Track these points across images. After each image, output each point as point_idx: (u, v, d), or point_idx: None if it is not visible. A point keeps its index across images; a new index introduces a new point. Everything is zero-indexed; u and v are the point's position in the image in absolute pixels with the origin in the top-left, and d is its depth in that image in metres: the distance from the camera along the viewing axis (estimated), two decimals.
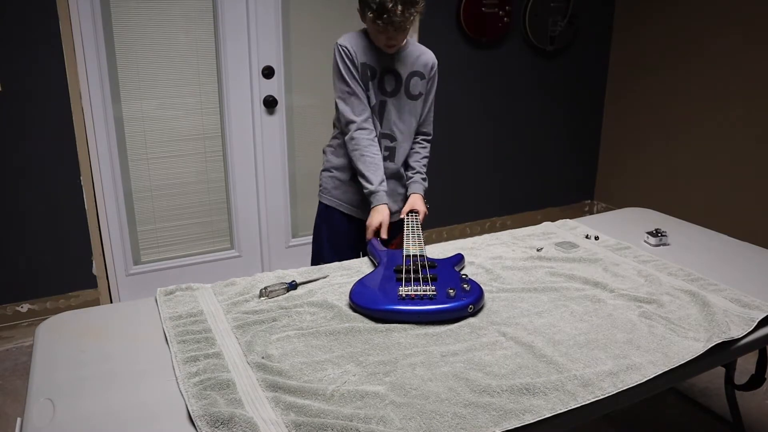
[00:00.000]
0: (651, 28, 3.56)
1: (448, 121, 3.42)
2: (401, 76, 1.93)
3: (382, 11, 1.71)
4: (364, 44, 1.88)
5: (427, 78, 1.98)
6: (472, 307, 1.43)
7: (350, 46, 1.87)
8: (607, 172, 4.03)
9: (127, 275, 2.90)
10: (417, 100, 1.98)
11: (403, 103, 1.96)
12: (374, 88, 1.92)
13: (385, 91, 1.93)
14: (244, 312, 1.45)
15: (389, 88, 1.93)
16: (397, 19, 1.72)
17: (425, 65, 1.97)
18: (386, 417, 1.07)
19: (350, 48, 1.87)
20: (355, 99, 1.89)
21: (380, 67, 1.90)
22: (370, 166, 1.89)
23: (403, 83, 1.94)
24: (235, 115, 2.94)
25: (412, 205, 1.98)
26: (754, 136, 3.10)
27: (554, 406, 1.11)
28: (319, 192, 2.12)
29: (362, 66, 1.88)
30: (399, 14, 1.72)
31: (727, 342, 1.35)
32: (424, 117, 2.04)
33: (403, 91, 1.95)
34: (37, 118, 2.51)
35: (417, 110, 2.00)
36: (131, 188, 2.83)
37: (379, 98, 1.93)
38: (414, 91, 1.96)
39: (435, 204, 3.55)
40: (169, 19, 2.71)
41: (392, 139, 1.99)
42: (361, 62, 1.88)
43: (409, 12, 1.74)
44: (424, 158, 2.09)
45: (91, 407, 1.10)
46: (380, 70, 1.90)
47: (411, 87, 1.95)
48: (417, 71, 1.95)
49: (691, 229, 2.11)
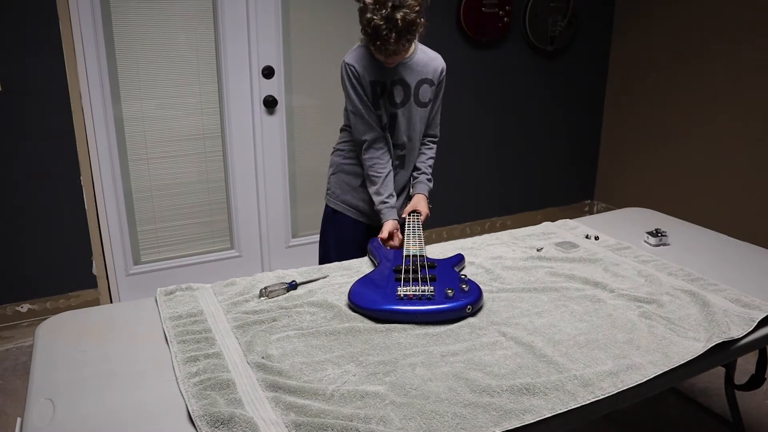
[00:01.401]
0: (651, 28, 3.56)
1: (449, 121, 3.40)
2: (410, 86, 1.89)
3: (376, 38, 1.67)
4: (369, 60, 1.84)
5: (436, 84, 1.95)
6: (471, 308, 1.42)
7: (357, 66, 1.83)
8: (607, 172, 4.03)
9: (127, 275, 2.90)
10: (426, 107, 1.96)
11: (414, 111, 1.94)
12: (385, 101, 1.89)
13: (395, 103, 1.90)
14: (244, 312, 1.45)
15: (399, 99, 1.90)
16: (391, 47, 1.68)
17: (434, 72, 1.92)
18: (386, 417, 1.07)
19: (357, 67, 1.83)
20: (360, 119, 1.88)
21: (389, 79, 1.86)
22: (377, 182, 1.91)
23: (412, 92, 1.90)
24: (235, 115, 2.94)
25: (415, 205, 1.97)
26: (754, 136, 3.10)
27: (554, 406, 1.12)
28: (326, 195, 2.11)
29: (371, 84, 1.85)
30: (393, 43, 1.67)
31: (727, 342, 1.35)
32: (431, 120, 2.03)
33: (412, 100, 1.92)
34: (37, 118, 2.51)
35: (426, 116, 1.99)
36: (131, 188, 2.83)
37: (390, 111, 1.91)
38: (424, 99, 1.94)
39: (435, 204, 3.54)
40: (169, 19, 2.71)
41: (402, 148, 1.98)
42: (370, 80, 1.85)
43: (405, 40, 1.68)
44: (430, 159, 2.08)
45: (91, 407, 1.10)
46: (389, 83, 1.87)
47: (420, 95, 1.92)
48: (426, 78, 1.91)
49: (691, 229, 2.11)
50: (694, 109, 3.38)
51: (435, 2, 3.19)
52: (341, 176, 2.04)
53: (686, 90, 3.41)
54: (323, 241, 2.14)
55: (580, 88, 3.83)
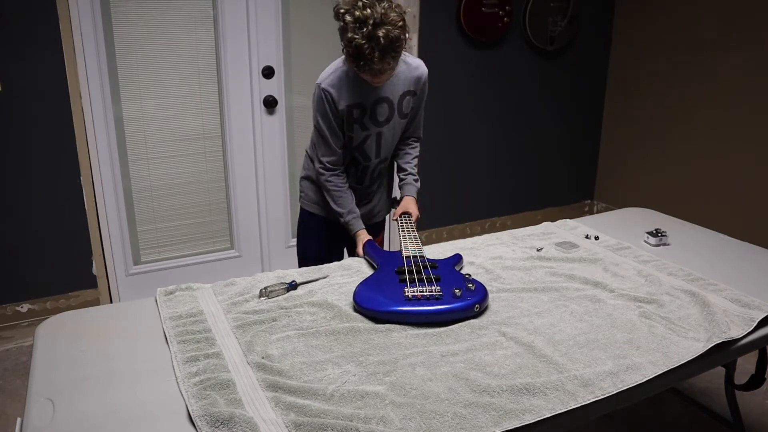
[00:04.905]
0: (651, 28, 3.56)
1: (448, 121, 3.42)
2: (393, 102, 1.84)
3: (359, 58, 1.58)
4: (347, 82, 1.76)
5: (418, 92, 1.90)
6: (479, 306, 1.43)
7: (333, 92, 1.76)
8: (607, 172, 4.03)
9: (127, 275, 2.90)
10: (407, 116, 1.93)
11: (397, 125, 1.91)
12: (368, 122, 1.84)
13: (378, 122, 1.85)
14: (244, 312, 1.45)
15: (382, 117, 1.85)
16: (375, 67, 1.59)
17: (417, 82, 1.87)
18: (386, 417, 1.07)
19: (332, 93, 1.76)
20: (323, 142, 1.86)
21: (370, 99, 1.80)
22: (338, 199, 1.90)
23: (395, 107, 1.86)
24: (235, 115, 2.94)
25: (405, 207, 1.95)
26: (753, 136, 3.10)
27: (554, 406, 1.12)
28: (300, 199, 2.10)
29: (347, 108, 1.79)
30: (377, 62, 1.57)
31: (727, 342, 1.35)
32: (414, 123, 1.99)
33: (396, 114, 1.88)
34: (37, 118, 2.51)
35: (407, 123, 1.96)
36: (131, 188, 2.83)
37: (375, 130, 1.87)
38: (406, 110, 1.90)
39: (435, 204, 3.56)
40: (169, 19, 2.71)
41: (386, 160, 2.00)
42: (347, 105, 1.78)
43: (389, 57, 1.59)
44: (415, 158, 2.05)
45: (91, 407, 1.10)
46: (370, 103, 1.80)
47: (404, 107, 1.88)
48: (408, 91, 1.86)
49: (691, 229, 2.11)
50: (694, 109, 3.38)
51: (435, 2, 3.19)
52: (311, 180, 2.03)
53: (686, 90, 3.41)
54: (300, 242, 2.13)
55: (580, 88, 3.83)
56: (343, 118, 1.81)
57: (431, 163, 3.35)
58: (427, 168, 3.29)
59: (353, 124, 1.83)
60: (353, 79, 1.77)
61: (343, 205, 1.91)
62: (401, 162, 2.04)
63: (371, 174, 2.00)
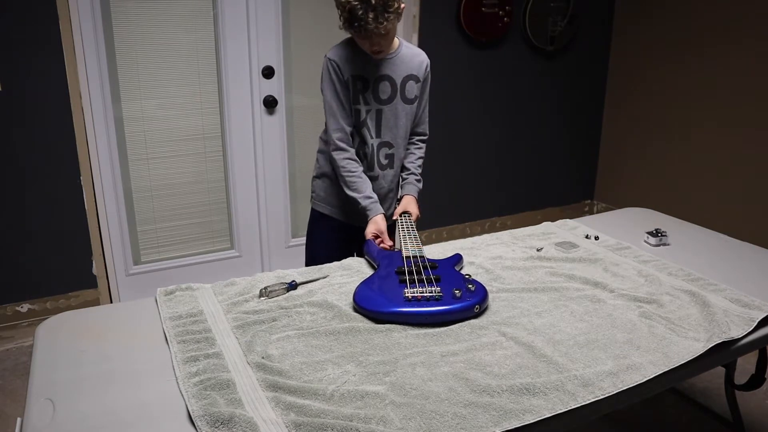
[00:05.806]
0: (651, 28, 3.56)
1: (448, 121, 3.42)
2: (396, 82, 1.89)
3: (353, 19, 1.64)
4: (353, 55, 1.83)
5: (422, 79, 1.94)
6: (479, 307, 1.43)
7: (338, 60, 1.82)
8: (607, 172, 4.03)
9: (127, 275, 2.90)
10: (413, 103, 1.95)
11: (400, 108, 1.92)
12: (369, 97, 1.88)
13: (380, 99, 1.89)
14: (244, 312, 1.45)
15: (384, 95, 1.89)
16: (370, 27, 1.65)
17: (419, 67, 1.92)
18: (386, 417, 1.07)
19: (337, 62, 1.82)
20: (331, 116, 1.87)
21: (373, 75, 1.85)
22: (353, 184, 1.89)
23: (398, 89, 1.90)
24: (235, 115, 2.94)
25: (405, 206, 1.95)
26: (754, 136, 3.10)
27: (554, 406, 1.11)
28: (311, 199, 2.10)
29: (352, 79, 1.84)
30: (371, 21, 1.63)
31: (727, 342, 1.35)
32: (419, 117, 2.02)
33: (399, 97, 1.91)
34: (37, 118, 2.51)
35: (413, 113, 1.97)
36: (131, 188, 2.83)
37: (375, 107, 1.90)
38: (410, 95, 1.93)
39: (435, 204, 3.56)
40: (169, 19, 2.71)
41: (390, 146, 1.97)
42: (351, 75, 1.83)
43: (383, 18, 1.64)
44: (419, 159, 2.06)
45: (91, 407, 1.10)
46: (373, 79, 1.86)
47: (407, 91, 1.92)
48: (412, 75, 1.91)
49: (691, 229, 2.11)
50: (694, 108, 3.38)
51: (435, 2, 3.19)
52: (325, 179, 2.03)
53: (686, 90, 3.41)
54: (309, 243, 2.13)
55: (580, 88, 3.83)
56: (349, 87, 1.86)
57: (431, 163, 3.32)
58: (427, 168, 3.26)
59: (358, 94, 1.87)
60: (358, 52, 1.83)
61: (359, 190, 1.89)
62: (405, 161, 2.05)
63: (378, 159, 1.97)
